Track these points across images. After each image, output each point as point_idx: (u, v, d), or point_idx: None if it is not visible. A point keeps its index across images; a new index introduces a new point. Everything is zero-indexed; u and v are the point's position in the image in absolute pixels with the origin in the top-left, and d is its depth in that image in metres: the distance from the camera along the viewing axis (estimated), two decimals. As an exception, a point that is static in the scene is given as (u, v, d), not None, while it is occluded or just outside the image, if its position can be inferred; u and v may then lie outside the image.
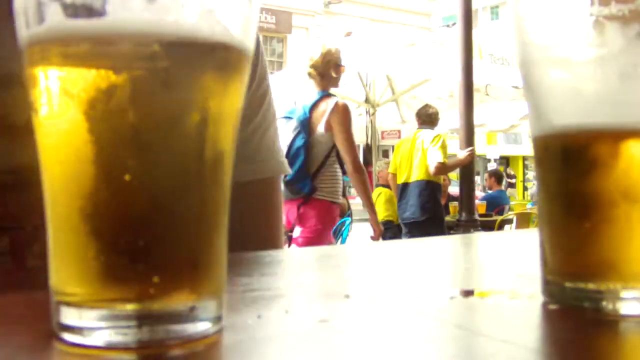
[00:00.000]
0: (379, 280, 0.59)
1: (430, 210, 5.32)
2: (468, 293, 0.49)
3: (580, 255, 0.44)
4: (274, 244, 0.97)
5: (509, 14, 0.47)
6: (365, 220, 4.07)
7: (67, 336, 0.34)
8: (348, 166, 3.67)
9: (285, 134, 3.55)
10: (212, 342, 0.35)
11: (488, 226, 6.24)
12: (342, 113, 3.67)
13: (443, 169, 5.35)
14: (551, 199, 0.46)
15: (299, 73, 7.20)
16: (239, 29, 0.33)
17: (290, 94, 7.63)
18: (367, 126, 7.81)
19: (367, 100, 7.73)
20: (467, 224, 5.36)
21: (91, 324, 0.33)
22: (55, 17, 0.30)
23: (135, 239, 0.32)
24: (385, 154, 26.31)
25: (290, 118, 3.71)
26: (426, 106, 5.75)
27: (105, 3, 0.30)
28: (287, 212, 3.70)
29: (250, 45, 0.34)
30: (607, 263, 0.42)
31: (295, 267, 0.67)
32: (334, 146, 3.67)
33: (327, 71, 3.80)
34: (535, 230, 0.51)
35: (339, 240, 6.13)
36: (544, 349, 0.35)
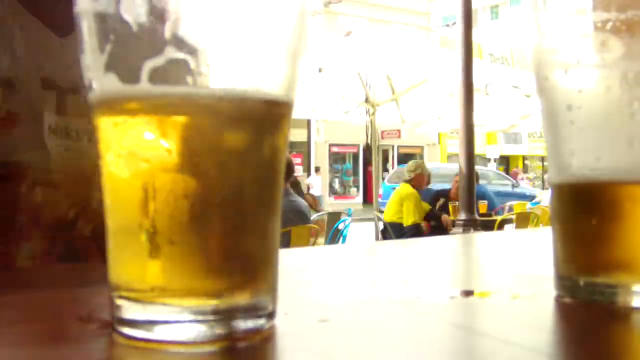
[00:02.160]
0: (379, 280, 0.59)
1: None
2: (468, 293, 0.49)
3: (593, 252, 0.45)
4: None
5: (508, 16, 0.49)
6: (364, 220, 4.06)
7: (128, 330, 0.35)
8: None
9: None
10: (268, 335, 0.37)
11: (488, 226, 6.24)
12: None
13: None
14: (564, 199, 0.48)
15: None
16: (288, 87, 0.38)
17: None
18: (367, 126, 7.81)
19: (367, 100, 7.73)
20: (467, 224, 5.36)
21: (157, 318, 0.35)
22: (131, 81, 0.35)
23: (201, 243, 0.36)
24: (385, 153, 26.30)
25: None
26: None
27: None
28: None
29: (294, 96, 0.39)
30: (619, 259, 0.44)
31: (295, 267, 0.67)
32: None
33: None
34: (535, 229, 0.51)
35: (340, 240, 6.13)
36: (544, 349, 0.35)
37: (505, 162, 29.03)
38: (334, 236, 6.04)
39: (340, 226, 6.28)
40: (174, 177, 0.35)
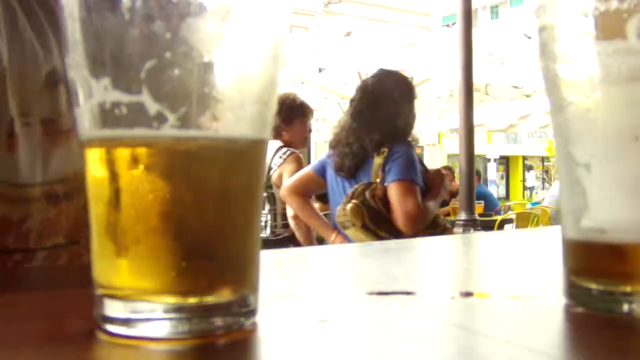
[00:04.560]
0: (378, 280, 0.59)
1: None
2: (468, 293, 0.49)
3: (607, 257, 0.42)
4: None
5: (509, 15, 0.45)
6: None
7: (111, 327, 0.36)
8: None
9: None
10: (250, 331, 0.37)
11: (488, 226, 6.24)
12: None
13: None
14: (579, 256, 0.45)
15: (297, 72, 7.20)
16: (265, 128, 0.39)
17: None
18: (366, 126, 7.80)
19: (367, 100, 7.71)
20: (467, 224, 5.35)
21: (136, 315, 0.35)
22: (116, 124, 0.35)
23: (181, 240, 0.36)
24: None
25: None
26: None
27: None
28: None
29: (268, 134, 0.39)
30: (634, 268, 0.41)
31: (294, 267, 0.67)
32: None
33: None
34: (535, 229, 0.50)
35: (339, 240, 6.11)
36: (544, 349, 0.35)
37: (505, 162, 29.01)
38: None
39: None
40: (149, 183, 0.36)
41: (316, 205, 6.33)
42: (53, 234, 0.74)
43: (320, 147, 25.16)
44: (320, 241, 3.67)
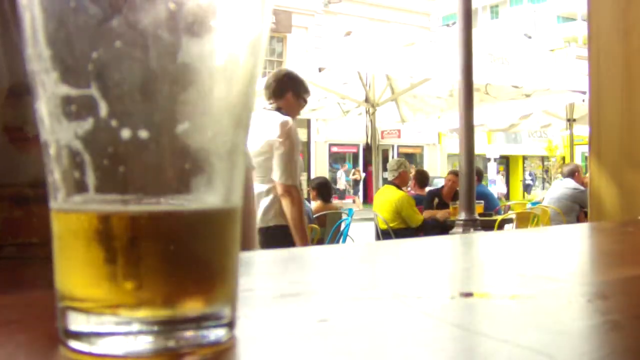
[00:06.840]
0: (379, 280, 0.59)
1: None
2: (468, 293, 0.49)
3: None
4: (248, 244, 0.96)
5: (509, 15, 0.46)
6: (364, 219, 4.04)
7: (74, 344, 0.33)
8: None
9: None
10: (225, 348, 0.34)
11: (488, 226, 6.25)
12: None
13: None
14: None
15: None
16: (236, 195, 0.36)
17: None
18: (367, 126, 7.82)
19: (366, 100, 7.74)
20: (467, 224, 5.36)
21: (101, 329, 0.32)
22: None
23: (148, 245, 0.32)
24: (385, 153, 26.31)
25: None
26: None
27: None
28: None
29: (239, 201, 0.36)
30: None
31: (294, 267, 0.67)
32: None
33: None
34: (535, 229, 0.50)
35: (340, 240, 6.13)
36: (544, 349, 0.35)
37: (505, 161, 29.02)
38: (334, 236, 6.04)
39: (341, 226, 6.28)
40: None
41: (316, 204, 6.33)
42: (21, 234, 0.76)
43: (320, 147, 25.17)
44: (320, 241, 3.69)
